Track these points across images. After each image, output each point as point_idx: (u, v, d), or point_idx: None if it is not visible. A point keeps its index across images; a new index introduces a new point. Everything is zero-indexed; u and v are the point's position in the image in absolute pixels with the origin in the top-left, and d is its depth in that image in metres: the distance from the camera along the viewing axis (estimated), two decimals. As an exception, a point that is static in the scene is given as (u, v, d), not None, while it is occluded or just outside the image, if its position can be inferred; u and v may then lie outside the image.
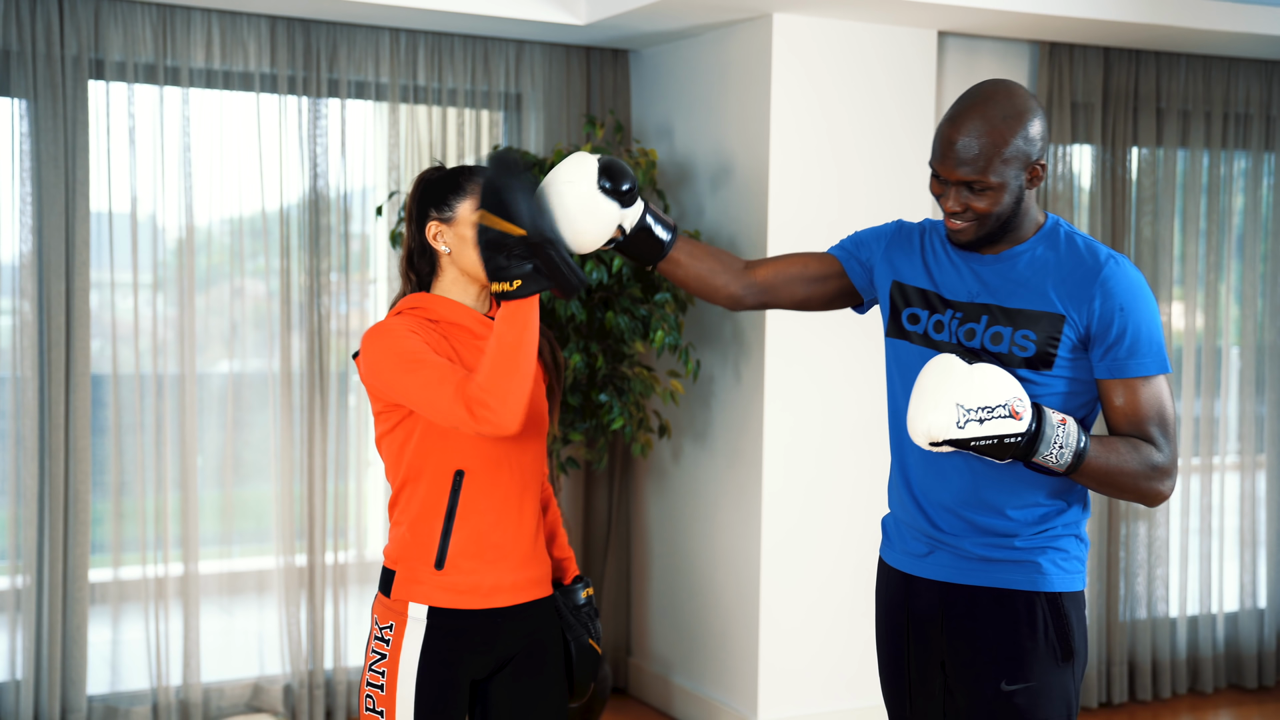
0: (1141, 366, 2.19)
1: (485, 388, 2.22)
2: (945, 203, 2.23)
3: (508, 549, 2.42)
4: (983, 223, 2.22)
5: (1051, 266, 2.24)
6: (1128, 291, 2.19)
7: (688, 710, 4.61)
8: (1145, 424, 2.19)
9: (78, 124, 4.12)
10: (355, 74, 4.45)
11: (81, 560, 4.17)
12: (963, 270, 2.31)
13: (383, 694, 2.36)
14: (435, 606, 2.37)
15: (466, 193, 2.39)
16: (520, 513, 2.43)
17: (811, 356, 4.28)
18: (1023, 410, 2.09)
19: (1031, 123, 2.20)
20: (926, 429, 2.10)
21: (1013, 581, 2.23)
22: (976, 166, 2.18)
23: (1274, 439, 5.16)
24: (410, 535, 2.40)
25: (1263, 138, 5.05)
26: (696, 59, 4.53)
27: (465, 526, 2.38)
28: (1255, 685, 5.13)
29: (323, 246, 4.45)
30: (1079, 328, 2.20)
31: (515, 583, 2.44)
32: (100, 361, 4.36)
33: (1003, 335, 2.24)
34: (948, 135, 2.20)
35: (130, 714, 4.29)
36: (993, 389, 2.09)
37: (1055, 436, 2.11)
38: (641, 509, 4.89)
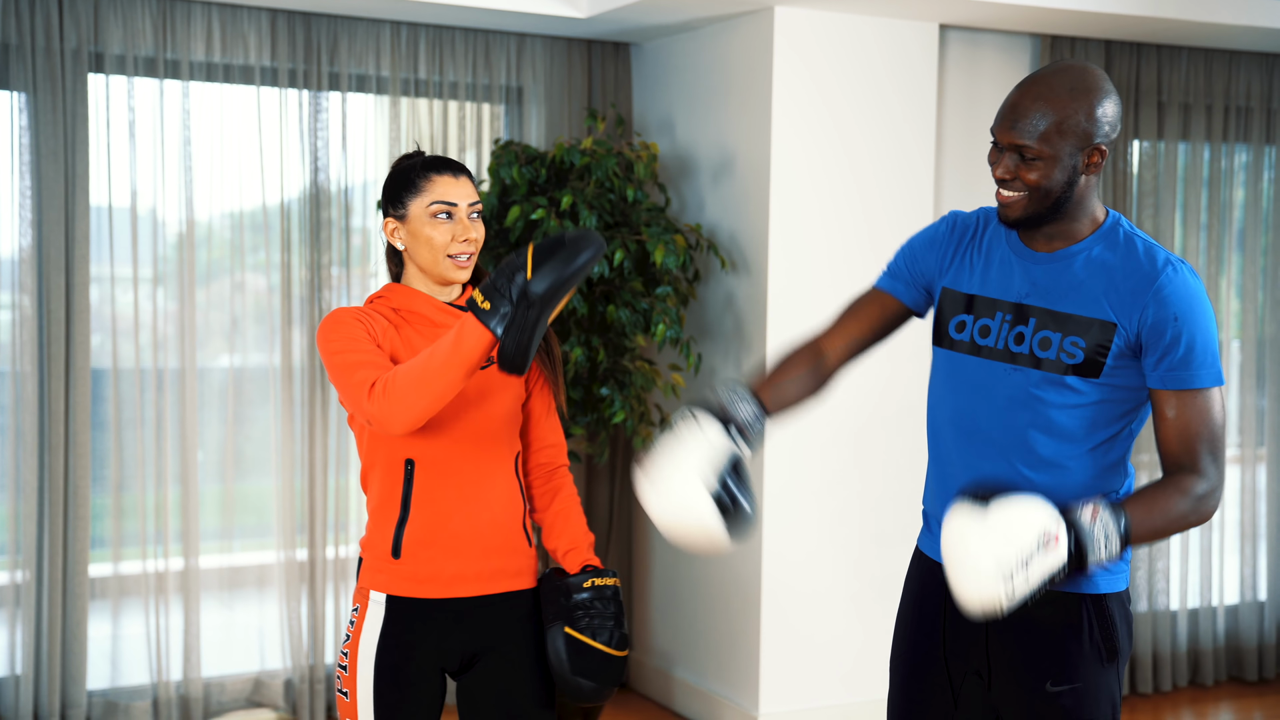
0: (1195, 378, 2.13)
1: (396, 380, 2.22)
2: (996, 170, 2.17)
3: (469, 539, 2.41)
4: (1032, 197, 2.15)
5: (1107, 270, 2.17)
6: (1184, 300, 2.12)
7: (689, 704, 4.61)
8: (1194, 440, 2.13)
9: (77, 117, 4.11)
10: (356, 67, 4.44)
11: (81, 555, 4.16)
12: (1015, 270, 2.24)
13: (346, 674, 2.41)
14: (393, 595, 2.40)
15: (418, 190, 2.40)
16: (483, 503, 2.42)
17: (813, 350, 4.27)
18: (1057, 532, 2.02)
19: (1100, 104, 2.14)
20: (982, 608, 2.03)
21: (1058, 583, 2.19)
22: (1029, 131, 2.12)
23: (1275, 432, 5.16)
24: (371, 523, 2.44)
25: (1264, 131, 5.05)
26: (698, 52, 4.52)
27: (420, 516, 2.39)
28: (1256, 678, 5.14)
29: (323, 241, 4.44)
30: (1129, 336, 2.14)
31: (480, 573, 2.43)
32: (100, 356, 4.35)
33: (1051, 341, 2.18)
34: (1011, 99, 2.16)
35: (130, 709, 4.28)
36: (1020, 529, 2.01)
37: (1096, 535, 2.04)
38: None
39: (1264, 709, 4.89)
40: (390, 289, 2.46)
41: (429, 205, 2.39)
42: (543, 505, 2.60)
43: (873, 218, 4.33)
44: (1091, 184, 2.19)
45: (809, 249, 4.25)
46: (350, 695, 2.40)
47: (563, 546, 2.57)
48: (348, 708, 2.41)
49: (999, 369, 2.23)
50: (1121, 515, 2.07)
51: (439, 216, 2.40)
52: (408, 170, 2.43)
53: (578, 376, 4.17)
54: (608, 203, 4.15)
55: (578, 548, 2.56)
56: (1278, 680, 5.19)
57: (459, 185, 2.42)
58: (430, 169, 2.42)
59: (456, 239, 2.40)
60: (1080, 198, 2.18)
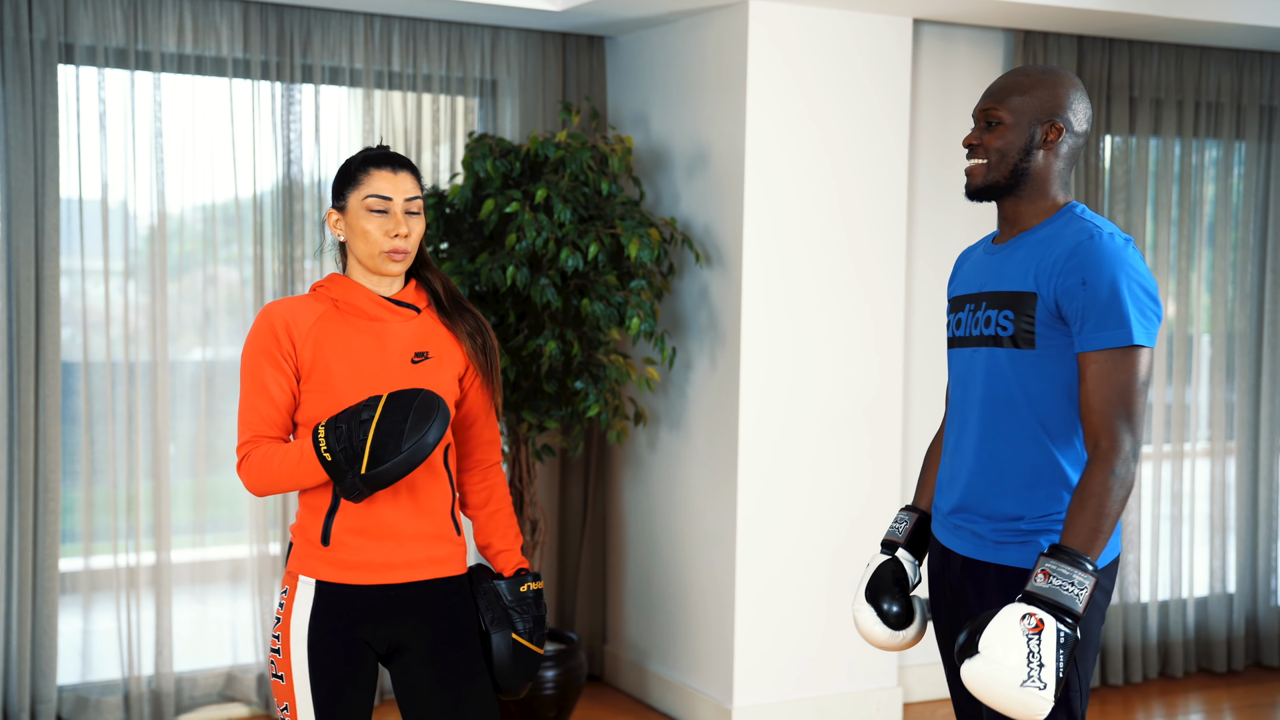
0: (1110, 338, 2.18)
1: (253, 466, 2.43)
2: (965, 142, 2.36)
3: (397, 528, 2.46)
4: (990, 164, 2.32)
5: (1042, 246, 2.29)
6: (1096, 263, 2.18)
7: (663, 697, 4.62)
8: (1107, 403, 2.17)
9: (47, 109, 4.07)
10: (329, 59, 4.42)
11: (52, 549, 4.13)
12: (983, 264, 2.42)
13: (280, 657, 2.46)
14: (322, 580, 2.45)
15: (356, 183, 2.47)
16: (412, 494, 2.47)
17: (787, 344, 4.29)
18: (1035, 615, 2.08)
19: (1070, 93, 2.33)
20: (1036, 713, 2.08)
21: (1018, 559, 2.30)
22: (998, 95, 2.33)
23: (1244, 426, 5.20)
24: (302, 510, 2.49)
25: (1234, 126, 5.09)
26: (673, 46, 4.52)
27: (350, 506, 2.45)
28: (1224, 669, 5.18)
29: (296, 234, 4.42)
30: (1050, 304, 2.23)
31: (409, 560, 2.48)
32: (71, 349, 4.32)
33: (991, 319, 2.32)
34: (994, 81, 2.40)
35: (101, 704, 4.26)
36: (1006, 643, 2.07)
37: (1063, 588, 2.10)
38: (617, 496, 4.89)
39: (1233, 700, 4.93)
40: (333, 280, 2.53)
41: (364, 199, 2.46)
42: (477, 503, 2.67)
43: (847, 211, 4.34)
44: (1052, 167, 2.32)
45: (783, 242, 4.26)
46: (286, 678, 2.45)
47: (496, 545, 2.65)
48: (284, 691, 2.45)
49: (966, 354, 2.40)
50: (1068, 552, 2.13)
51: (374, 211, 2.45)
52: (349, 164, 2.51)
53: (551, 370, 4.17)
54: (582, 196, 4.15)
55: (511, 549, 2.66)
56: (1246, 672, 5.24)
57: (396, 180, 2.47)
58: (369, 163, 2.48)
59: (389, 234, 2.45)
60: (1039, 178, 2.32)
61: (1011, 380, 2.29)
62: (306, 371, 2.44)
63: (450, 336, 2.54)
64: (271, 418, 2.43)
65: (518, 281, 3.96)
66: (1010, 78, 2.35)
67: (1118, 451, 2.16)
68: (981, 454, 2.34)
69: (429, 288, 2.57)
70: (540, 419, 4.19)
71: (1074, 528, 2.15)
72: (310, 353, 2.43)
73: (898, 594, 2.50)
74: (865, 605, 2.52)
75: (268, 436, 2.44)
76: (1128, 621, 5.02)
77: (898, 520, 2.61)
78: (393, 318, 2.49)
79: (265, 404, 2.43)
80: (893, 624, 2.50)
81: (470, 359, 2.55)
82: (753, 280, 4.23)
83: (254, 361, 2.44)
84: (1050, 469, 2.28)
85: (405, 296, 2.52)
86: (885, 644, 2.52)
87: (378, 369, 2.45)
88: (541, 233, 3.98)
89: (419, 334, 2.51)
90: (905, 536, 2.57)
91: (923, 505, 2.61)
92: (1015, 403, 2.29)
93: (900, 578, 2.52)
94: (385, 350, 2.47)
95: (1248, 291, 5.18)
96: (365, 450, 2.32)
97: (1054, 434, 2.28)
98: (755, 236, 4.21)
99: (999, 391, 2.31)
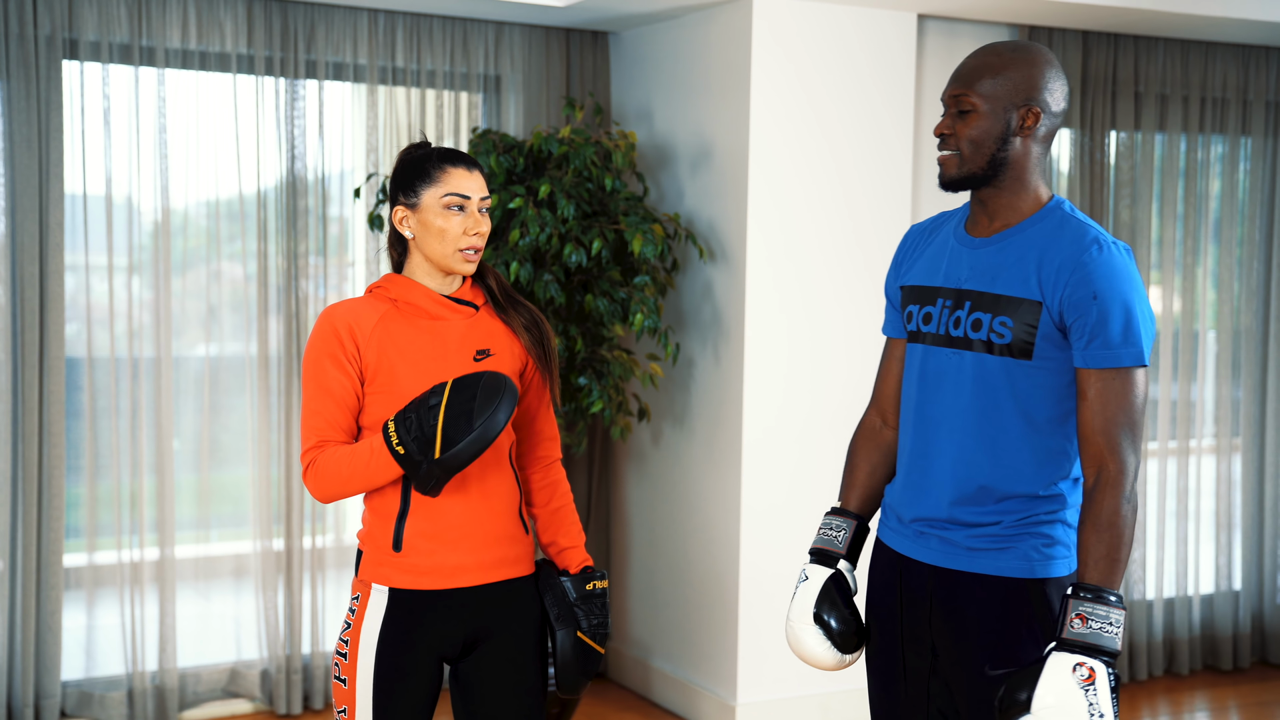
0: (1116, 357, 2.10)
1: (321, 471, 2.39)
2: (935, 130, 2.22)
3: (469, 530, 2.44)
4: (965, 154, 2.18)
5: (1039, 250, 2.16)
6: (1105, 278, 2.09)
7: (667, 694, 4.61)
8: (1113, 423, 2.10)
9: (51, 105, 4.08)
10: (333, 55, 4.42)
11: (56, 545, 4.13)
12: (957, 257, 2.26)
13: (346, 661, 2.45)
14: (395, 587, 2.43)
15: (433, 180, 2.43)
16: (481, 495, 2.45)
17: (791, 339, 4.28)
18: (1086, 664, 2.02)
19: (1044, 72, 2.18)
20: None
21: (996, 568, 2.20)
22: (968, 79, 2.18)
23: (1250, 422, 5.19)
24: (371, 517, 2.47)
25: (1240, 122, 5.07)
26: (677, 41, 4.51)
27: (421, 510, 2.42)
28: (1230, 667, 5.17)
29: (300, 229, 4.42)
30: (1054, 315, 2.13)
31: (481, 563, 2.46)
32: (75, 345, 4.32)
33: (982, 322, 2.19)
34: (961, 63, 2.24)
35: (105, 699, 4.26)
36: (1068, 702, 1.99)
37: (1101, 629, 2.04)
38: (621, 493, 4.89)
39: (1239, 698, 4.92)
40: (390, 279, 2.49)
41: (443, 196, 2.42)
42: (541, 500, 2.64)
43: (851, 207, 4.33)
44: (1031, 153, 2.19)
45: (787, 238, 4.26)
46: (349, 682, 2.43)
47: (560, 543, 2.62)
48: (345, 694, 2.44)
49: (940, 354, 2.25)
50: (1095, 590, 2.06)
51: (452, 209, 2.43)
52: (422, 160, 2.46)
53: (555, 366, 4.17)
54: (585, 192, 4.14)
55: (576, 546, 2.63)
56: (1252, 670, 5.22)
57: (473, 179, 2.45)
58: (446, 160, 2.45)
59: (468, 232, 2.43)
60: (1018, 166, 2.19)
61: (1002, 389, 2.18)
62: (371, 373, 2.42)
63: (508, 332, 2.53)
64: (337, 420, 2.40)
65: (521, 277, 3.96)
66: (979, 58, 2.18)
67: (1126, 475, 2.09)
68: (960, 465, 2.21)
69: (484, 284, 2.56)
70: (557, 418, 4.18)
71: (1094, 561, 2.07)
72: (375, 354, 2.41)
73: (845, 610, 2.34)
74: (809, 626, 2.34)
75: (333, 441, 2.40)
76: (1133, 619, 5.01)
77: (834, 527, 2.41)
78: (453, 316, 2.47)
79: (331, 406, 2.40)
80: (839, 643, 2.34)
81: (529, 351, 2.54)
82: (756, 276, 4.22)
83: (318, 365, 2.41)
84: (1036, 480, 2.19)
85: (463, 294, 2.50)
86: (832, 666, 2.37)
87: (441, 368, 2.44)
88: (545, 228, 3.97)
89: (479, 331, 2.50)
90: (846, 546, 2.39)
91: (854, 508, 2.44)
92: (1003, 412, 2.18)
93: (845, 592, 2.37)
94: (447, 349, 2.46)
95: (1253, 288, 5.17)
96: (437, 433, 2.28)
97: (1041, 446, 2.19)
98: (759, 232, 4.21)
99: (985, 400, 2.19)
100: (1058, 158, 4.84)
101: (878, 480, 2.45)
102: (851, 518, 2.42)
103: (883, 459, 2.44)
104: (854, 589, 2.40)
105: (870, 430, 2.46)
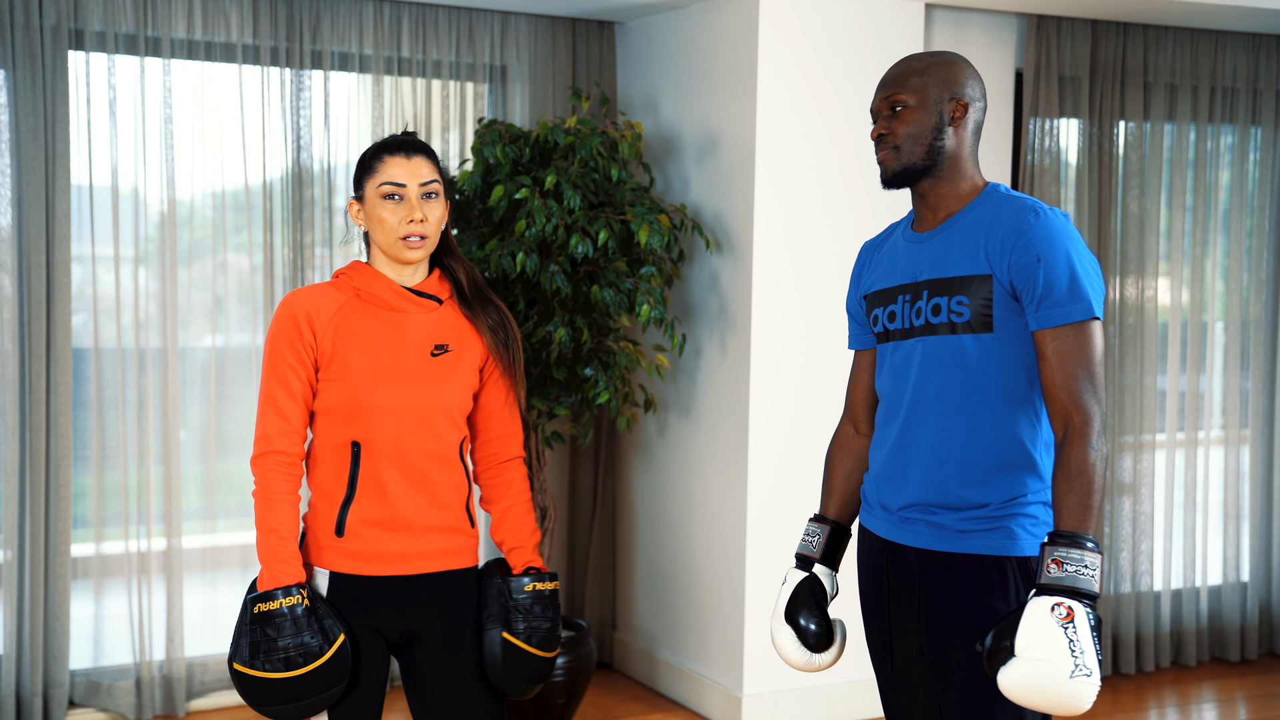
0: (1068, 314, 2.18)
1: (259, 494, 2.45)
2: (873, 135, 2.34)
3: (412, 520, 2.46)
4: (904, 148, 2.29)
5: (983, 227, 2.26)
6: (1046, 240, 2.18)
7: (673, 685, 4.62)
8: (1073, 376, 2.17)
9: (57, 95, 4.08)
10: (339, 45, 4.41)
11: (63, 535, 4.14)
12: (909, 255, 2.36)
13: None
14: (336, 571, 2.46)
15: (372, 171, 2.47)
16: (426, 486, 2.47)
17: (797, 331, 4.27)
18: (1064, 603, 2.05)
19: (962, 68, 2.32)
20: (1092, 700, 2.06)
21: (984, 547, 2.26)
22: (897, 81, 2.31)
23: (1258, 414, 5.17)
24: (316, 499, 2.50)
25: (1250, 112, 5.05)
26: (683, 31, 4.50)
27: (366, 497, 2.45)
28: (1238, 658, 5.16)
29: (306, 220, 4.41)
30: (1005, 284, 2.22)
31: (424, 552, 2.49)
32: (82, 336, 4.33)
33: (941, 306, 2.28)
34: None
35: (113, 689, 4.27)
36: (1047, 639, 2.03)
37: (1077, 572, 2.08)
38: (627, 484, 4.89)
39: (1245, 689, 4.91)
40: (355, 268, 2.52)
41: (379, 186, 2.46)
42: (492, 497, 2.65)
43: (857, 198, 4.32)
44: (965, 142, 2.32)
45: (794, 229, 4.24)
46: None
47: (509, 542, 2.63)
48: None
49: (906, 346, 2.34)
50: (1070, 536, 2.11)
51: (389, 198, 2.44)
52: (367, 153, 2.51)
53: (561, 357, 4.16)
54: (591, 182, 4.13)
55: (523, 546, 2.63)
56: (1260, 661, 5.21)
57: (410, 165, 2.45)
58: (383, 150, 2.47)
59: (404, 220, 2.44)
60: (954, 155, 2.31)
61: (971, 365, 2.25)
62: (326, 361, 2.44)
63: (471, 329, 2.54)
64: (291, 414, 2.44)
65: (527, 268, 3.96)
66: (902, 64, 2.34)
67: (1091, 425, 2.16)
68: (940, 445, 2.28)
69: (452, 277, 2.56)
70: (550, 406, 4.18)
71: (1068, 509, 2.13)
72: (330, 342, 2.44)
73: (816, 613, 2.47)
74: (784, 626, 2.48)
75: (281, 452, 2.44)
76: (1140, 610, 5.00)
77: (810, 534, 2.55)
78: (414, 309, 2.49)
79: (286, 398, 2.44)
80: (811, 644, 2.47)
81: (492, 352, 2.54)
82: (763, 267, 4.21)
83: (276, 351, 2.45)
84: (1015, 453, 2.25)
85: (428, 287, 2.52)
86: (801, 666, 2.49)
87: (396, 361, 2.46)
88: (551, 219, 3.97)
89: (440, 326, 2.51)
90: (820, 550, 2.52)
91: (832, 514, 2.56)
92: (975, 388, 2.26)
93: (819, 595, 2.49)
94: (405, 342, 2.47)
95: (1263, 279, 5.15)
96: (255, 660, 2.39)
97: (1017, 417, 2.25)
98: (766, 223, 4.20)
99: (957, 379, 2.26)
100: (1065, 148, 4.82)
101: (853, 486, 2.57)
102: (827, 523, 2.55)
103: (856, 466, 2.56)
104: (831, 592, 2.52)
105: (844, 439, 2.58)
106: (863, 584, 2.47)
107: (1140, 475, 4.97)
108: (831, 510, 2.56)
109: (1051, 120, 4.71)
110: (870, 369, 2.52)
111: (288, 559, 2.39)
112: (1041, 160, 4.72)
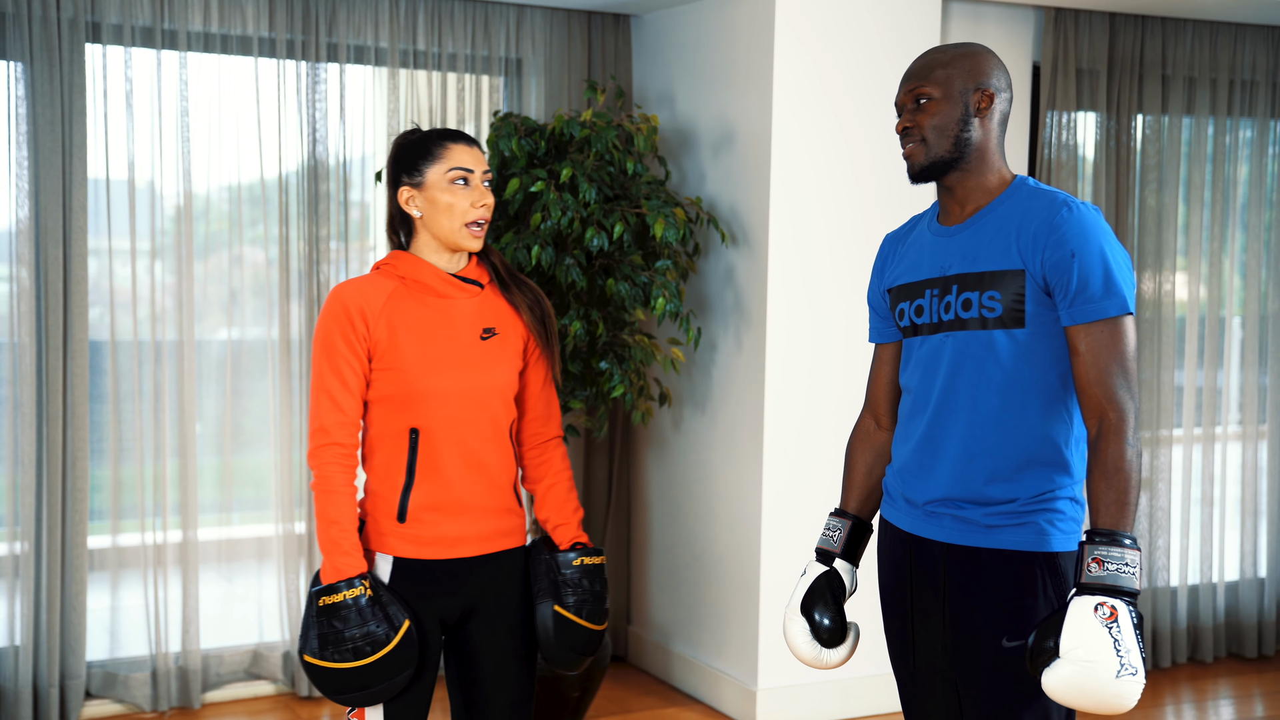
0: (1101, 309, 2.16)
1: (318, 489, 2.47)
2: (898, 128, 2.31)
3: (471, 503, 2.52)
4: (930, 141, 2.27)
5: (1014, 221, 2.24)
6: (1079, 235, 2.17)
7: (687, 678, 4.61)
8: (1107, 372, 2.15)
9: (74, 88, 4.09)
10: (354, 38, 4.41)
11: (80, 527, 4.16)
12: (936, 248, 2.34)
13: None
14: (400, 556, 2.50)
15: (436, 157, 2.49)
16: (482, 469, 2.52)
17: (813, 324, 4.26)
18: (1107, 603, 2.04)
19: (987, 59, 2.30)
20: (1136, 698, 2.05)
21: (1013, 542, 2.24)
22: (921, 75, 2.29)
23: (1276, 409, 5.14)
24: (375, 487, 2.54)
25: (1269, 105, 5.02)
26: (699, 24, 4.49)
27: (425, 482, 2.49)
28: (1255, 654, 5.14)
29: (322, 214, 4.42)
30: (1038, 279, 2.20)
31: (481, 534, 2.54)
32: (99, 328, 4.34)
33: (972, 301, 2.26)
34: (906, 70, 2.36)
35: (129, 680, 4.29)
36: (1091, 641, 2.02)
37: (1118, 570, 2.06)
38: (642, 477, 4.88)
39: (1263, 685, 4.89)
40: (398, 257, 2.54)
41: (448, 171, 2.48)
42: (535, 476, 2.71)
43: (873, 192, 4.30)
44: (991, 134, 2.29)
45: (809, 223, 4.23)
46: None
47: (553, 520, 2.69)
48: None
49: (935, 340, 2.32)
50: (1109, 534, 2.09)
51: (458, 183, 2.48)
52: (424, 139, 2.52)
53: (576, 350, 4.16)
54: (607, 175, 4.13)
55: (568, 523, 2.68)
56: (1277, 657, 5.19)
57: (473, 153, 2.51)
58: (447, 138, 2.51)
59: (474, 205, 2.49)
60: (981, 147, 2.29)
61: (1003, 361, 2.23)
62: (380, 350, 2.48)
63: (511, 310, 2.59)
64: (346, 407, 2.47)
65: (543, 261, 3.95)
66: (926, 57, 2.31)
67: (1127, 421, 2.14)
68: (970, 441, 2.26)
69: (489, 263, 2.61)
70: (565, 399, 4.18)
71: (1105, 507, 2.11)
72: (384, 332, 2.47)
73: (831, 607, 2.45)
74: (797, 618, 2.46)
75: (339, 444, 2.47)
76: (1157, 606, 4.98)
77: (830, 528, 2.53)
78: (459, 294, 2.53)
79: (341, 390, 2.46)
80: (823, 639, 2.45)
81: (530, 330, 2.59)
82: (778, 261, 4.20)
83: (329, 343, 2.47)
84: (1045, 449, 2.24)
85: (469, 273, 2.56)
86: (809, 661, 2.47)
87: (449, 346, 2.50)
88: (566, 212, 3.96)
89: (485, 310, 2.56)
90: (841, 545, 2.50)
91: (853, 508, 2.54)
92: (1006, 384, 2.24)
93: (837, 590, 2.47)
94: (455, 327, 2.51)
95: (1281, 273, 5.12)
96: (326, 651, 2.41)
97: (1048, 412, 2.24)
98: (781, 217, 4.19)
99: (988, 374, 2.24)
100: (1083, 142, 4.80)
101: (875, 480, 2.55)
102: (848, 518, 2.53)
103: (877, 460, 2.54)
104: (850, 587, 2.50)
105: (865, 433, 2.56)
106: (884, 577, 2.45)
107: (1158, 471, 4.95)
108: (852, 504, 2.55)
109: (1069, 114, 4.69)
110: (892, 362, 2.51)
111: (349, 550, 2.43)
112: (1059, 154, 4.70)
